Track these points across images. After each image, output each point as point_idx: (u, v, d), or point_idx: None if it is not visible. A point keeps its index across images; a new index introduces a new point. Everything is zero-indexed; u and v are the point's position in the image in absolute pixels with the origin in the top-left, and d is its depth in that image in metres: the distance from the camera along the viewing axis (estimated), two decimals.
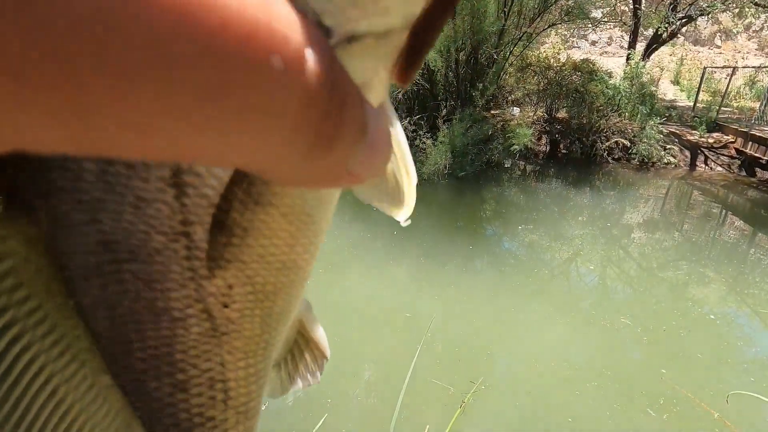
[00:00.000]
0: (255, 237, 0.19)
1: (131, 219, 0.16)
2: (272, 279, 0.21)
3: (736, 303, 3.97)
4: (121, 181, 0.15)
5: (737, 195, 7.40)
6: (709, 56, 16.44)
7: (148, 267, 0.17)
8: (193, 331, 0.19)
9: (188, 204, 0.17)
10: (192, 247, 0.18)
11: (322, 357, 0.34)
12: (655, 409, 2.59)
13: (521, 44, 8.30)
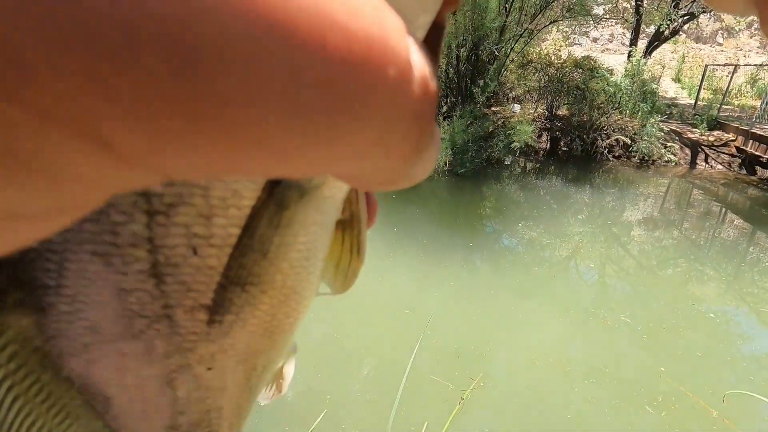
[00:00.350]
0: (236, 314, 0.20)
1: (115, 306, 0.18)
2: (255, 343, 0.22)
3: (735, 301, 3.97)
4: (101, 275, 0.17)
5: (737, 193, 7.40)
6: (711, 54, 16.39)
7: (133, 344, 0.19)
8: (180, 390, 0.21)
9: (168, 291, 0.18)
10: (174, 326, 0.19)
11: (277, 391, 0.38)
12: (654, 407, 2.60)
13: (522, 41, 8.27)
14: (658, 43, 11.56)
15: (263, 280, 0.20)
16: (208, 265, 0.18)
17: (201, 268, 0.18)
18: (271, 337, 0.23)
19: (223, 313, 0.20)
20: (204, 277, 0.18)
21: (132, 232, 0.16)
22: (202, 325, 0.20)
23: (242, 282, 0.19)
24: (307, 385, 2.66)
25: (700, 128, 9.00)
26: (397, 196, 5.97)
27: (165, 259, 0.17)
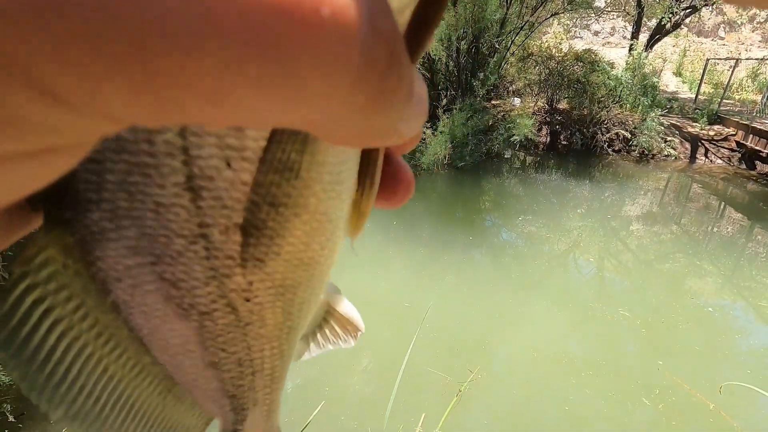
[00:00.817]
0: (270, 237, 0.20)
1: (152, 224, 0.18)
2: (291, 275, 0.22)
3: (733, 296, 3.99)
4: (140, 188, 0.17)
5: (737, 188, 7.40)
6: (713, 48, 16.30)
7: (172, 268, 0.19)
8: (220, 323, 0.22)
9: (203, 207, 0.18)
10: (210, 248, 0.19)
11: (355, 330, 0.39)
12: (651, 399, 2.62)
13: (523, 33, 8.21)
14: (660, 37, 11.48)
15: (297, 202, 0.20)
16: (241, 180, 0.18)
17: (235, 183, 0.18)
18: (307, 270, 0.23)
19: (258, 235, 0.20)
20: (238, 193, 0.18)
21: (167, 141, 0.16)
22: (237, 248, 0.19)
23: (275, 202, 0.19)
24: (306, 378, 2.67)
25: (701, 122, 8.98)
26: None
27: (200, 171, 0.17)
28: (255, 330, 0.23)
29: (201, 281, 0.20)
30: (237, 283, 0.21)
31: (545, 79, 8.92)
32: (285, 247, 0.21)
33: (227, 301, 0.21)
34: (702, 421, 2.49)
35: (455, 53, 7.44)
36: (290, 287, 0.23)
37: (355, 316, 0.38)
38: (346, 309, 0.38)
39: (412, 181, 0.25)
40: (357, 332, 0.39)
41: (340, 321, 0.38)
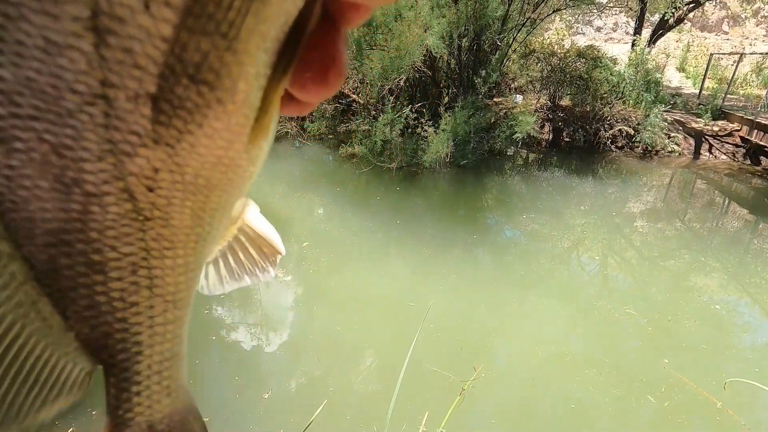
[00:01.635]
0: (185, 121, 0.17)
1: (38, 67, 0.14)
2: (205, 173, 0.19)
3: (737, 292, 3.96)
4: (25, 14, 0.13)
5: (741, 183, 7.34)
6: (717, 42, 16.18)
7: (57, 129, 0.15)
8: (111, 211, 0.18)
9: (109, 58, 0.14)
10: (112, 115, 0.15)
11: (274, 253, 0.34)
12: (656, 397, 2.60)
13: (525, 30, 8.17)
14: (663, 32, 11.41)
15: (223, 84, 0.16)
16: (160, 34, 0.15)
17: (152, 35, 0.14)
18: (226, 173, 0.20)
19: (171, 114, 0.16)
20: (154, 51, 0.15)
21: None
22: (145, 123, 0.16)
23: (197, 77, 0.16)
24: (309, 376, 2.67)
25: (704, 118, 8.91)
26: (402, 188, 5.96)
27: (109, 7, 0.14)
28: (157, 229, 0.19)
29: (93, 154, 0.16)
30: (139, 166, 0.17)
31: (547, 75, 8.87)
32: (201, 138, 0.18)
33: (124, 185, 0.17)
34: (709, 419, 2.47)
35: (457, 51, 7.40)
36: (203, 188, 0.19)
37: (272, 235, 0.33)
38: (261, 227, 0.33)
39: (344, 72, 0.20)
40: (276, 256, 0.34)
41: (255, 241, 0.33)
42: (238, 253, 0.33)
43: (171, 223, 0.19)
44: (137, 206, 0.18)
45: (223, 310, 3.28)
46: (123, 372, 0.23)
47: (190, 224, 0.20)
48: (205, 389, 2.50)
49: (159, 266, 0.21)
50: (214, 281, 0.33)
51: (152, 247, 0.20)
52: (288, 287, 3.61)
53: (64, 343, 0.20)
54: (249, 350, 2.89)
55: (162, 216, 0.19)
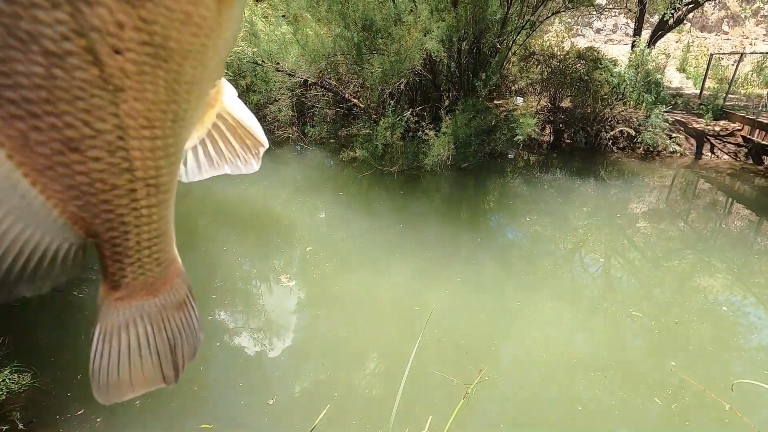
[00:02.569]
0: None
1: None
2: (175, 35, 0.18)
3: (742, 292, 3.94)
4: None
5: (744, 183, 7.32)
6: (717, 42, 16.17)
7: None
8: (77, 77, 0.16)
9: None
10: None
11: (256, 145, 0.33)
12: (663, 399, 2.59)
13: (524, 33, 8.19)
14: (663, 33, 11.40)
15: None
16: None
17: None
18: (198, 36, 0.18)
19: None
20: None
21: None
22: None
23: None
24: (313, 381, 2.67)
25: (706, 118, 8.90)
26: (403, 191, 5.96)
27: None
28: (130, 103, 0.18)
29: (48, 1, 0.14)
30: (101, 19, 0.15)
31: (547, 77, 8.88)
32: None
33: (87, 43, 0.16)
34: (717, 421, 2.45)
35: (456, 54, 7.43)
36: (175, 54, 0.18)
37: (253, 124, 0.32)
38: (241, 114, 0.31)
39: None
40: (258, 148, 0.33)
41: (236, 131, 0.31)
42: (218, 141, 0.31)
43: (145, 95, 0.18)
44: (105, 72, 0.17)
45: (227, 316, 3.28)
46: (113, 247, 0.24)
47: (165, 99, 0.19)
48: (209, 395, 2.50)
49: (137, 147, 0.20)
50: (193, 167, 0.32)
51: (128, 125, 0.19)
52: (292, 292, 3.62)
53: (47, 220, 0.21)
54: (253, 356, 2.89)
55: (134, 87, 0.18)
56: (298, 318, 3.35)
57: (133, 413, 2.35)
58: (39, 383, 2.46)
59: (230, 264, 3.97)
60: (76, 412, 2.32)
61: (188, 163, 0.32)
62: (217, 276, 3.74)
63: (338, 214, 5.29)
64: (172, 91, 0.19)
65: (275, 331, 3.15)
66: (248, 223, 4.87)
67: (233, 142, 0.32)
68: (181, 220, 4.87)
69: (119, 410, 2.37)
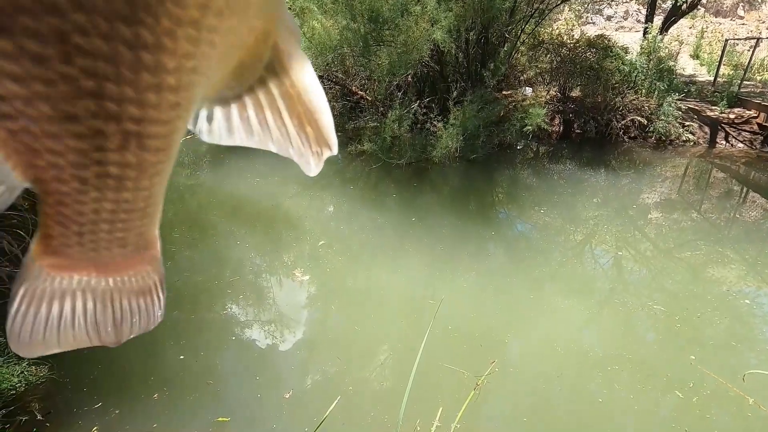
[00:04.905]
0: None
1: None
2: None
3: (757, 282, 3.88)
4: None
5: (759, 172, 7.17)
6: (732, 28, 15.76)
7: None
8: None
9: None
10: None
11: (320, 141, 0.25)
12: (684, 392, 2.56)
13: (533, 21, 8.06)
14: (675, 19, 11.14)
15: None
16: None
17: None
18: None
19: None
20: None
21: None
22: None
23: None
24: (329, 374, 2.69)
25: (720, 106, 8.71)
26: (414, 184, 5.94)
27: None
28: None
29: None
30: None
31: (557, 67, 8.75)
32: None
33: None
34: (739, 415, 2.43)
35: (464, 44, 7.34)
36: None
37: (323, 113, 0.24)
38: (310, 91, 0.24)
39: None
40: (322, 147, 0.25)
41: (295, 106, 0.24)
42: (264, 108, 0.24)
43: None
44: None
45: (241, 310, 3.32)
46: (59, 207, 0.19)
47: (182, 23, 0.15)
48: (226, 389, 2.54)
49: (124, 78, 0.16)
50: (221, 128, 0.25)
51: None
52: (305, 286, 3.64)
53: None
54: (268, 349, 2.92)
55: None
56: (311, 312, 3.37)
57: (149, 406, 2.39)
58: (56, 375, 2.52)
59: (243, 258, 4.00)
60: (94, 406, 2.37)
61: (215, 121, 0.24)
62: (230, 270, 3.78)
63: (349, 207, 5.29)
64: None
65: (288, 325, 3.17)
66: (260, 218, 4.90)
67: (286, 119, 0.24)
68: (191, 215, 4.92)
69: (136, 404, 2.42)
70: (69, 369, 2.58)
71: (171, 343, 2.86)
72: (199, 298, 3.38)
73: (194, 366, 2.69)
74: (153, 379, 2.57)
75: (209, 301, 3.36)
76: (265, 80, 0.23)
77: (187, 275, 3.66)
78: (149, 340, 2.89)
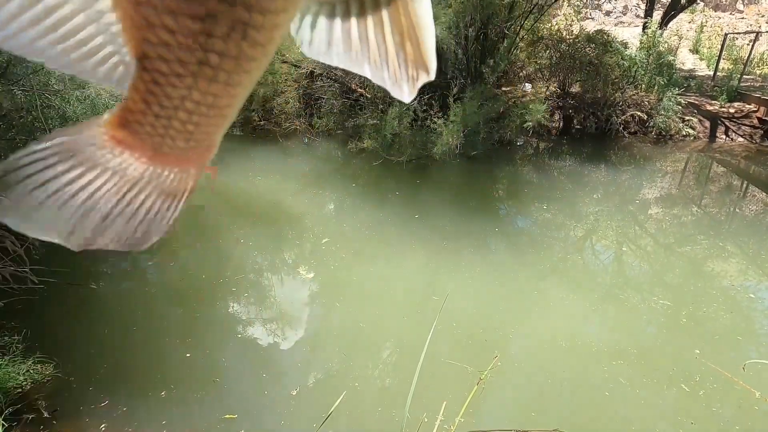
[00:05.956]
0: None
1: None
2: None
3: (757, 276, 3.89)
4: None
5: (759, 166, 7.18)
6: (731, 22, 15.73)
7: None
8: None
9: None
10: None
11: (418, 63, 0.25)
12: (690, 386, 2.58)
13: (532, 17, 8.04)
14: (675, 13, 11.12)
15: None
16: None
17: None
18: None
19: None
20: None
21: None
22: None
23: None
24: (334, 370, 2.71)
25: (720, 100, 8.71)
26: (414, 181, 5.95)
27: None
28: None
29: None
30: None
31: (556, 62, 8.73)
32: None
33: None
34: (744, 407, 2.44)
35: (464, 41, 7.32)
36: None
37: (427, 34, 0.24)
38: (417, 10, 0.23)
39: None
40: (419, 71, 0.25)
41: (398, 22, 0.24)
42: (367, 25, 0.24)
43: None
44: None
45: (247, 308, 3.33)
46: (151, 85, 0.21)
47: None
48: (233, 387, 2.55)
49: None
50: (321, 40, 0.25)
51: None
52: (309, 284, 3.65)
53: (105, 22, 0.20)
54: (274, 347, 2.94)
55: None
56: (315, 309, 3.39)
57: (157, 403, 2.41)
58: (61, 374, 2.53)
59: (246, 257, 4.01)
60: (101, 403, 2.39)
61: (317, 31, 0.24)
62: (235, 268, 3.79)
63: (351, 205, 5.30)
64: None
65: (293, 322, 3.19)
66: (262, 216, 4.90)
67: (387, 34, 0.24)
68: (193, 213, 4.93)
69: (143, 401, 2.44)
70: (75, 367, 2.59)
71: (177, 341, 2.87)
72: (203, 296, 3.40)
73: (201, 363, 2.70)
74: (160, 376, 2.59)
75: (214, 299, 3.38)
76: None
77: (191, 273, 3.67)
78: (155, 337, 2.91)
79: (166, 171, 0.24)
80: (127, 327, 2.97)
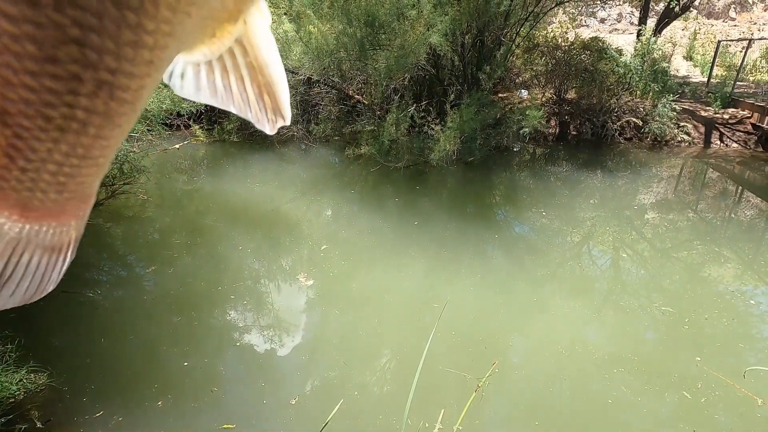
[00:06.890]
0: None
1: None
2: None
3: (753, 281, 3.91)
4: None
5: (754, 171, 7.24)
6: (724, 29, 15.93)
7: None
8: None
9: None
10: None
11: (275, 110, 0.28)
12: (692, 393, 2.58)
13: (528, 24, 8.12)
14: (669, 21, 11.26)
15: None
16: None
17: None
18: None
19: None
20: None
21: None
22: None
23: None
24: (333, 378, 2.69)
25: (714, 106, 8.79)
26: (412, 187, 5.95)
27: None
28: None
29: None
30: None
31: (552, 69, 8.81)
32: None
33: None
34: (746, 415, 2.44)
35: (460, 48, 7.38)
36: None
37: (280, 86, 0.27)
38: (270, 64, 0.27)
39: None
40: (276, 115, 0.28)
41: (256, 77, 0.27)
42: (229, 73, 0.27)
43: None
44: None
45: (245, 316, 3.31)
46: (15, 139, 0.19)
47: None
48: (230, 396, 2.53)
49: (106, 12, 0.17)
50: (190, 84, 0.27)
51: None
52: (308, 291, 3.64)
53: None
54: (272, 355, 2.91)
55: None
56: (314, 316, 3.37)
57: (153, 413, 2.38)
58: (55, 383, 2.50)
59: (243, 264, 3.99)
60: (95, 413, 2.36)
61: (186, 78, 0.27)
62: (232, 276, 3.77)
63: (349, 211, 5.30)
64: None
65: (291, 330, 3.17)
66: (259, 223, 4.89)
67: (248, 86, 0.27)
68: (190, 221, 4.90)
69: (139, 411, 2.41)
70: (69, 376, 2.56)
71: (174, 350, 2.84)
72: (201, 304, 3.37)
73: (198, 372, 2.67)
74: (156, 386, 2.56)
75: (211, 307, 3.35)
76: (233, 51, 0.26)
77: (189, 281, 3.65)
78: (152, 346, 2.88)
79: (43, 227, 0.23)
80: (123, 335, 2.95)
